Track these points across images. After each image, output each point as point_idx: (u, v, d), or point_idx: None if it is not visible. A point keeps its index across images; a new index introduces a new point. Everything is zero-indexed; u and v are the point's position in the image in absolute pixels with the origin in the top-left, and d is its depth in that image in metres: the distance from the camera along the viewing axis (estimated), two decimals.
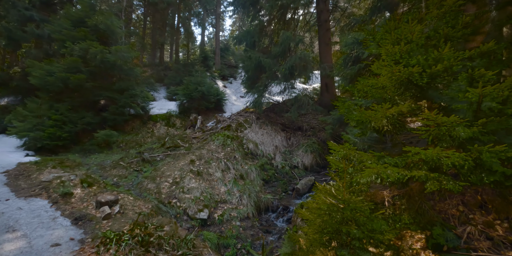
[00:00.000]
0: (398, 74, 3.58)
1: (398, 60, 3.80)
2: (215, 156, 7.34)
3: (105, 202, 4.30)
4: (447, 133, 3.10)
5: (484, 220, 3.38)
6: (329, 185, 3.98)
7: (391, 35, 3.91)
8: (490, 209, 3.45)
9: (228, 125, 9.18)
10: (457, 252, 3.27)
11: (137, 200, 5.01)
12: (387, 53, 3.89)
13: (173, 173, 6.38)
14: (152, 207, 4.86)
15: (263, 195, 6.41)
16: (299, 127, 9.96)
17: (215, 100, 11.28)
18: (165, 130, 9.89)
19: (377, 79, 3.95)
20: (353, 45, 6.21)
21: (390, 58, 3.89)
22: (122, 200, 4.77)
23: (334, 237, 3.35)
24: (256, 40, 9.79)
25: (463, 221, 3.49)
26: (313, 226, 3.67)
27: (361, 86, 4.28)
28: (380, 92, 4.14)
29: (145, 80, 10.62)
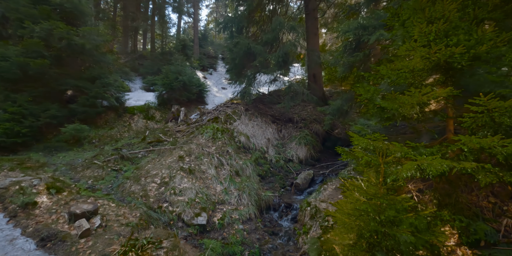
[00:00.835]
0: (437, 55, 3.17)
1: (433, 40, 3.40)
2: (206, 151, 6.59)
3: (81, 214, 3.40)
4: (499, 120, 2.75)
5: None
6: (358, 181, 3.54)
7: (425, 13, 3.47)
8: None
9: (215, 117, 8.41)
10: (497, 247, 3.03)
11: (121, 207, 4.16)
12: (420, 33, 3.45)
13: (161, 171, 5.53)
14: (141, 215, 4.05)
15: (263, 193, 5.86)
16: (290, 119, 9.52)
17: (197, 91, 10.35)
18: (144, 123, 8.80)
19: (408, 62, 3.51)
20: (357, 31, 5.80)
21: (424, 39, 3.46)
22: (102, 208, 3.90)
23: (376, 242, 2.89)
24: (244, 26, 9.02)
25: (497, 213, 3.28)
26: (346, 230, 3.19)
27: (385, 71, 3.83)
28: (408, 77, 3.72)
29: (119, 69, 9.33)
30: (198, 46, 13.44)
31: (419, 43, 3.54)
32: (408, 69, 3.55)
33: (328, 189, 5.67)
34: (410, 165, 3.02)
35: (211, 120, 8.39)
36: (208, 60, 13.99)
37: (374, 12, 5.54)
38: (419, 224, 2.74)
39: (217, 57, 15.14)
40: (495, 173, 2.70)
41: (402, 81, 3.86)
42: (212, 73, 14.06)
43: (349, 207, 3.19)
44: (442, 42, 3.23)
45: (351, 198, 3.24)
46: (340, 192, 4.96)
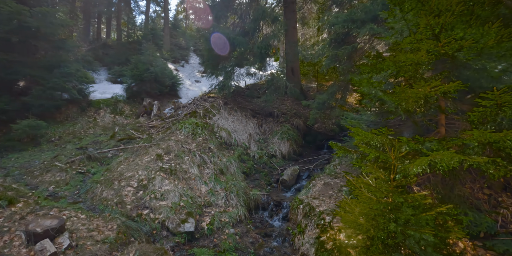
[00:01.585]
0: (446, 48, 3.08)
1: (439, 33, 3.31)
2: (186, 148, 6.03)
3: (43, 232, 2.72)
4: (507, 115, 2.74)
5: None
6: (365, 179, 3.39)
7: (430, 5, 3.35)
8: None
9: (193, 112, 7.79)
10: (497, 237, 3.11)
11: (93, 219, 3.51)
12: (426, 26, 3.33)
13: (137, 173, 4.88)
14: (119, 227, 3.46)
15: (251, 192, 5.53)
16: (270, 113, 9.26)
17: (169, 84, 9.52)
18: (112, 119, 7.81)
19: (413, 55, 3.38)
20: (345, 23, 5.65)
21: (429, 32, 3.36)
22: (70, 222, 3.22)
23: (394, 243, 2.74)
24: (222, 15, 8.41)
25: (493, 204, 3.38)
26: (359, 231, 3.01)
27: (388, 63, 3.69)
28: (411, 70, 3.62)
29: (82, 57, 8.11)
30: (168, 37, 12.36)
31: (424, 35, 3.43)
32: (412, 62, 3.43)
33: (317, 185, 5.54)
34: (423, 160, 2.90)
35: (188, 114, 7.76)
36: (180, 51, 12.99)
37: (363, 6, 5.42)
38: (431, 222, 2.65)
39: (189, 49, 14.18)
40: (505, 166, 2.70)
41: (402, 75, 3.76)
42: (184, 65, 13.11)
43: (362, 207, 3.00)
44: (448, 36, 3.15)
45: (363, 197, 3.06)
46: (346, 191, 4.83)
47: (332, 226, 4.16)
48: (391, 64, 3.69)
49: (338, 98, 6.78)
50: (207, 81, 12.54)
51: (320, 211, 4.50)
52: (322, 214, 4.43)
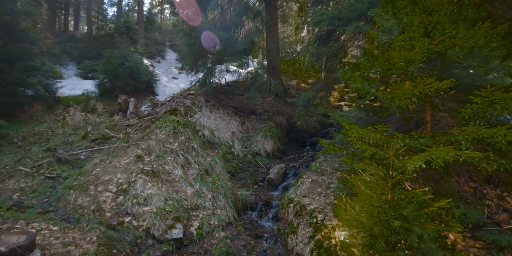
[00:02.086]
0: (439, 46, 3.13)
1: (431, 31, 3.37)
2: (168, 148, 5.66)
3: (9, 252, 2.30)
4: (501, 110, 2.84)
5: (496, 193, 3.51)
6: (363, 176, 3.37)
7: (422, 4, 3.39)
8: (497, 183, 3.60)
9: (173, 109, 7.37)
10: (484, 228, 3.25)
11: (68, 230, 3.10)
12: (420, 24, 3.37)
13: (115, 176, 4.45)
14: (99, 239, 3.08)
15: (239, 192, 5.34)
16: (253, 110, 9.09)
17: (146, 80, 8.92)
18: (83, 117, 7.09)
19: (406, 53, 3.40)
20: (332, 21, 5.65)
21: (422, 30, 3.40)
22: (41, 237, 2.79)
23: (398, 240, 2.73)
24: (202, 9, 8.03)
25: (479, 196, 3.55)
26: (362, 229, 2.98)
27: (382, 60, 3.70)
28: (403, 67, 3.66)
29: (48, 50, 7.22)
30: (143, 31, 11.56)
31: (417, 34, 3.47)
32: (405, 60, 3.45)
33: (305, 182, 5.50)
34: (421, 156, 2.92)
35: (168, 112, 7.32)
36: (156, 46, 12.24)
37: (349, 3, 5.44)
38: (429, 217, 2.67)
39: (165, 44, 13.43)
40: (496, 161, 2.82)
41: (393, 72, 3.80)
42: (161, 61, 12.39)
43: (362, 204, 2.96)
44: (441, 34, 3.21)
45: (363, 195, 3.02)
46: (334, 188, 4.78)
47: (326, 224, 4.12)
48: (385, 61, 3.70)
49: (322, 96, 6.81)
50: (185, 78, 12.03)
51: (312, 209, 4.45)
52: (314, 212, 4.38)
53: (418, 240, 2.60)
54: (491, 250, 3.05)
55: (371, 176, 3.22)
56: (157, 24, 13.51)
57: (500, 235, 3.06)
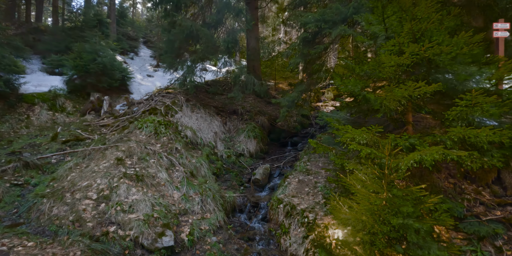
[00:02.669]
0: (428, 52, 3.33)
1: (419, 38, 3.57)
2: (150, 150, 5.34)
3: None
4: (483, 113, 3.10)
5: (473, 188, 3.83)
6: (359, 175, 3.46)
7: (410, 12, 3.58)
8: (473, 179, 3.94)
9: (152, 109, 6.97)
10: (465, 220, 3.52)
11: (46, 245, 2.76)
12: (409, 31, 3.56)
13: (95, 181, 4.07)
14: (83, 253, 2.78)
15: (227, 194, 5.21)
16: (234, 111, 8.97)
17: (120, 78, 8.31)
18: (50, 116, 6.36)
19: (396, 57, 3.56)
20: (318, 23, 5.76)
21: (410, 36, 3.59)
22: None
23: (398, 236, 2.85)
24: (184, 4, 7.71)
25: (458, 191, 3.84)
26: (362, 227, 3.06)
27: (373, 63, 3.85)
28: (391, 71, 3.83)
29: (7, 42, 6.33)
30: (115, 25, 10.74)
31: (406, 39, 3.66)
32: (395, 64, 3.61)
33: (292, 182, 5.54)
34: (414, 155, 3.07)
35: (147, 112, 6.91)
36: (129, 42, 11.44)
37: (335, 7, 5.59)
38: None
39: (138, 40, 12.66)
40: (480, 159, 3.07)
41: (382, 75, 3.96)
42: (134, 58, 11.63)
43: (362, 203, 3.04)
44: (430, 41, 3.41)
45: (362, 193, 3.09)
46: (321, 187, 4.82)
47: (318, 224, 4.17)
48: (376, 65, 3.84)
49: (305, 97, 6.93)
50: (161, 76, 11.50)
51: (302, 209, 4.49)
52: (305, 212, 4.42)
53: (415, 235, 2.73)
54: (472, 240, 3.30)
55: (366, 175, 3.33)
56: (130, 19, 12.66)
57: (480, 226, 3.33)
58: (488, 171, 3.95)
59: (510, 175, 3.74)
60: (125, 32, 11.43)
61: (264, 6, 11.20)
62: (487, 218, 3.44)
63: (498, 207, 3.60)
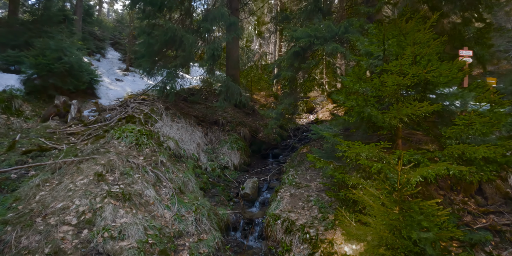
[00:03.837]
0: (429, 74, 3.61)
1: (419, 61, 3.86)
2: (133, 163, 4.77)
3: None
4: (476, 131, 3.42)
5: (460, 199, 4.17)
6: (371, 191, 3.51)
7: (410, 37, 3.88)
8: (459, 190, 4.30)
9: (130, 116, 6.31)
10: (459, 229, 3.78)
11: None
12: (410, 54, 3.84)
13: (72, 202, 3.43)
14: None
15: (221, 211, 4.85)
16: (215, 121, 8.65)
17: (87, 80, 7.39)
18: (4, 121, 5.20)
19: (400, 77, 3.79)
20: (311, 39, 5.96)
21: (411, 59, 3.87)
22: None
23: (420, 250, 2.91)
24: (167, 6, 7.32)
25: (448, 202, 4.14)
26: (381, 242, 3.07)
27: (377, 82, 4.04)
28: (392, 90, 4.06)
29: None
30: (81, 23, 9.58)
31: (407, 61, 3.93)
32: (399, 83, 3.83)
33: (284, 197, 5.44)
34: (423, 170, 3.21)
35: (123, 119, 6.20)
36: (95, 42, 10.31)
37: (327, 25, 5.85)
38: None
39: (106, 41, 11.54)
40: (477, 173, 3.36)
41: (382, 94, 4.17)
42: (101, 60, 10.49)
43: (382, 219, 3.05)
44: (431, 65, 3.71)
45: (380, 209, 3.12)
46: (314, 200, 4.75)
47: (322, 239, 4.10)
48: (378, 84, 4.03)
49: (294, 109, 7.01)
50: (131, 80, 10.65)
51: (302, 225, 4.40)
52: (305, 227, 4.33)
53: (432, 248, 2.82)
54: (466, 247, 3.54)
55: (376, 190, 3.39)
56: (97, 18, 11.53)
57: (472, 234, 3.59)
58: (471, 183, 4.36)
59: (489, 186, 4.18)
60: (92, 31, 10.35)
61: (244, 18, 11.30)
62: (477, 226, 3.74)
63: (483, 215, 3.97)
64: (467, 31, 5.95)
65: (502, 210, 3.88)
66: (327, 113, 13.05)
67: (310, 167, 5.89)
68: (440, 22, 5.81)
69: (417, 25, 3.98)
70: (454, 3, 5.72)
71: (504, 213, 3.84)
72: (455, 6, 5.79)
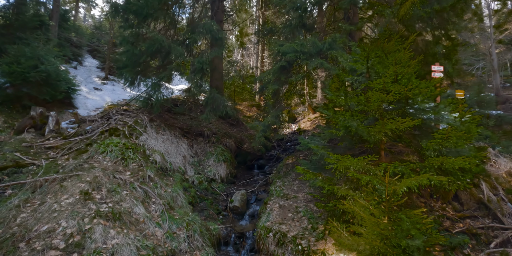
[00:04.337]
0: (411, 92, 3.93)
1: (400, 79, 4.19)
2: (120, 179, 4.59)
3: None
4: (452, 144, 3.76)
5: (439, 205, 4.49)
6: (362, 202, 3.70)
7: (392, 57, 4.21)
8: (438, 197, 4.63)
9: (113, 129, 6.07)
10: (440, 233, 4.06)
11: None
12: (392, 73, 4.15)
13: (58, 224, 3.23)
14: None
15: (212, 226, 4.78)
16: (200, 133, 8.56)
17: (65, 90, 7.02)
18: None
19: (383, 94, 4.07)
20: (297, 54, 6.22)
21: (393, 77, 4.19)
22: None
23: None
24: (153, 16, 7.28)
25: (429, 209, 4.44)
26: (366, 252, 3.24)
27: (363, 98, 4.31)
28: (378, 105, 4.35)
29: None
30: (57, 28, 9.09)
31: (389, 79, 4.25)
32: (383, 100, 4.13)
33: (273, 209, 5.51)
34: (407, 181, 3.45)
35: (106, 132, 5.95)
36: (72, 49, 9.80)
37: (312, 41, 6.15)
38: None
39: (83, 48, 11.02)
40: (455, 182, 3.67)
41: (368, 109, 4.45)
42: (78, 67, 9.96)
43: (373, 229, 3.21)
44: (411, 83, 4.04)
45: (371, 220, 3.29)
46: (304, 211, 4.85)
47: (314, 250, 4.20)
48: (364, 100, 4.31)
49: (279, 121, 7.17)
50: (111, 90, 10.28)
51: (293, 236, 4.47)
52: (296, 239, 4.41)
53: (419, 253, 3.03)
54: (447, 251, 3.81)
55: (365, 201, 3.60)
56: (73, 24, 11.02)
57: (452, 238, 3.88)
58: (449, 190, 4.72)
59: (464, 193, 4.56)
60: (68, 37, 9.87)
61: (228, 30, 11.49)
62: (456, 231, 4.04)
63: (460, 220, 4.30)
64: (437, 48, 6.55)
65: (477, 214, 4.25)
66: (309, 122, 13.44)
67: (300, 178, 6.02)
68: (415, 40, 6.35)
69: (396, 45, 4.34)
70: (426, 22, 6.30)
71: (478, 217, 4.20)
72: (427, 25, 6.39)
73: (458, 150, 4.11)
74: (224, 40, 7.30)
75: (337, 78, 5.19)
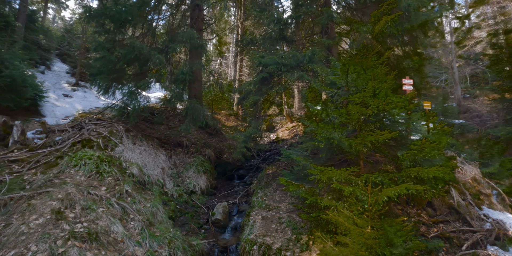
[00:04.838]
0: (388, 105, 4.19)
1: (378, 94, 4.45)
2: (95, 195, 4.29)
3: None
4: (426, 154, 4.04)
5: (415, 212, 4.76)
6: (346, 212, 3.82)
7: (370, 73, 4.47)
8: (413, 204, 4.90)
9: (86, 140, 5.69)
10: (417, 238, 4.27)
11: None
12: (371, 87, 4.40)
13: (27, 248, 2.92)
14: None
15: (195, 242, 4.60)
16: (179, 143, 8.32)
17: (32, 96, 6.47)
18: None
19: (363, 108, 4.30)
20: (278, 66, 6.38)
21: (371, 92, 4.44)
22: None
23: None
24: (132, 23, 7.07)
25: (406, 215, 4.68)
26: None
27: (344, 111, 4.50)
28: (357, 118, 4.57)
29: None
30: (24, 30, 8.35)
31: (368, 94, 4.49)
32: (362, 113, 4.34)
33: (257, 220, 5.47)
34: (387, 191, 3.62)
35: (78, 143, 5.54)
36: (39, 53, 9.04)
37: (293, 54, 6.35)
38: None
39: (52, 51, 10.24)
40: (430, 191, 3.92)
41: (347, 122, 4.65)
42: (45, 72, 9.21)
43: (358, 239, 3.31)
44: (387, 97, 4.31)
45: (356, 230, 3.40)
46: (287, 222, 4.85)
47: None
48: (345, 113, 4.50)
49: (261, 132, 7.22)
50: (82, 97, 9.69)
51: (278, 248, 4.47)
52: (281, 250, 4.41)
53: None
54: (424, 255, 4.02)
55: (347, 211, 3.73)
56: (42, 25, 10.23)
57: (428, 243, 4.11)
58: (424, 198, 5.02)
59: (437, 199, 4.88)
60: (36, 40, 9.14)
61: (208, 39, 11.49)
62: (431, 235, 4.29)
63: (434, 225, 4.58)
64: (407, 62, 7.09)
65: (448, 218, 4.56)
66: (287, 131, 13.67)
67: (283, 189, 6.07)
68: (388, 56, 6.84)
69: (373, 60, 4.62)
70: (397, 39, 6.82)
71: (450, 221, 4.51)
72: (397, 41, 6.92)
73: (431, 160, 4.42)
74: (204, 49, 7.27)
75: (313, 89, 5.37)
